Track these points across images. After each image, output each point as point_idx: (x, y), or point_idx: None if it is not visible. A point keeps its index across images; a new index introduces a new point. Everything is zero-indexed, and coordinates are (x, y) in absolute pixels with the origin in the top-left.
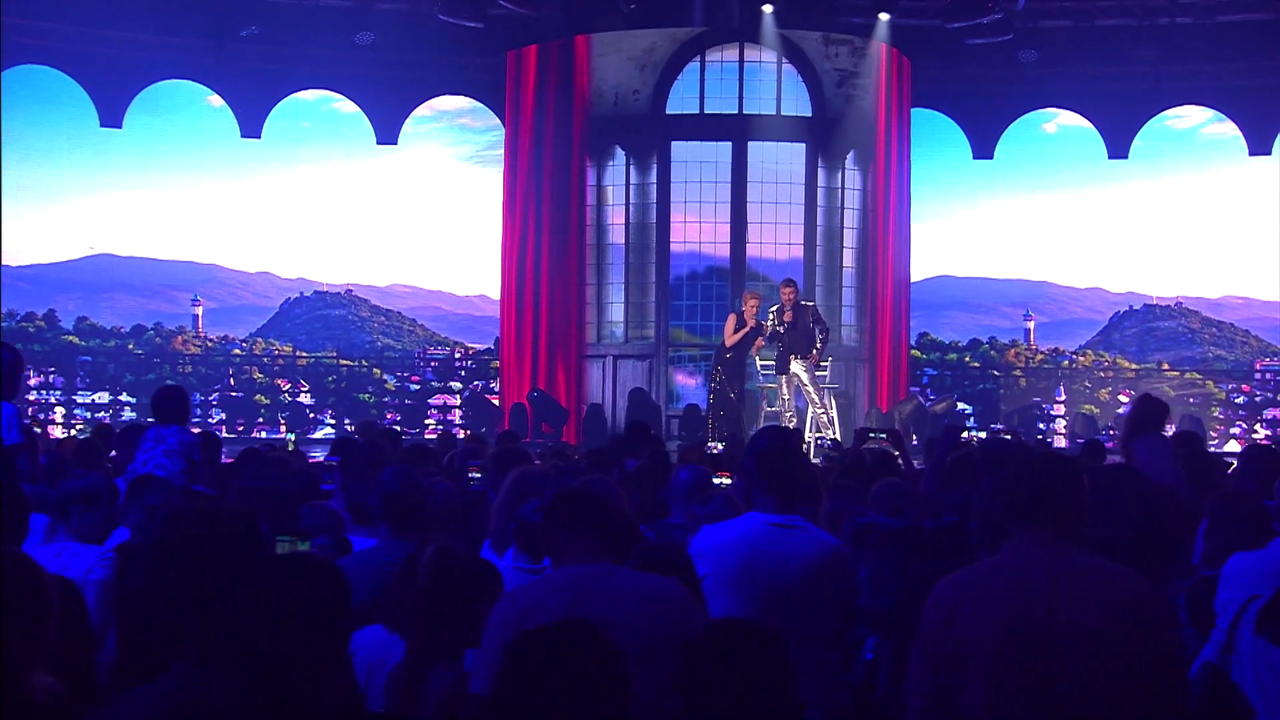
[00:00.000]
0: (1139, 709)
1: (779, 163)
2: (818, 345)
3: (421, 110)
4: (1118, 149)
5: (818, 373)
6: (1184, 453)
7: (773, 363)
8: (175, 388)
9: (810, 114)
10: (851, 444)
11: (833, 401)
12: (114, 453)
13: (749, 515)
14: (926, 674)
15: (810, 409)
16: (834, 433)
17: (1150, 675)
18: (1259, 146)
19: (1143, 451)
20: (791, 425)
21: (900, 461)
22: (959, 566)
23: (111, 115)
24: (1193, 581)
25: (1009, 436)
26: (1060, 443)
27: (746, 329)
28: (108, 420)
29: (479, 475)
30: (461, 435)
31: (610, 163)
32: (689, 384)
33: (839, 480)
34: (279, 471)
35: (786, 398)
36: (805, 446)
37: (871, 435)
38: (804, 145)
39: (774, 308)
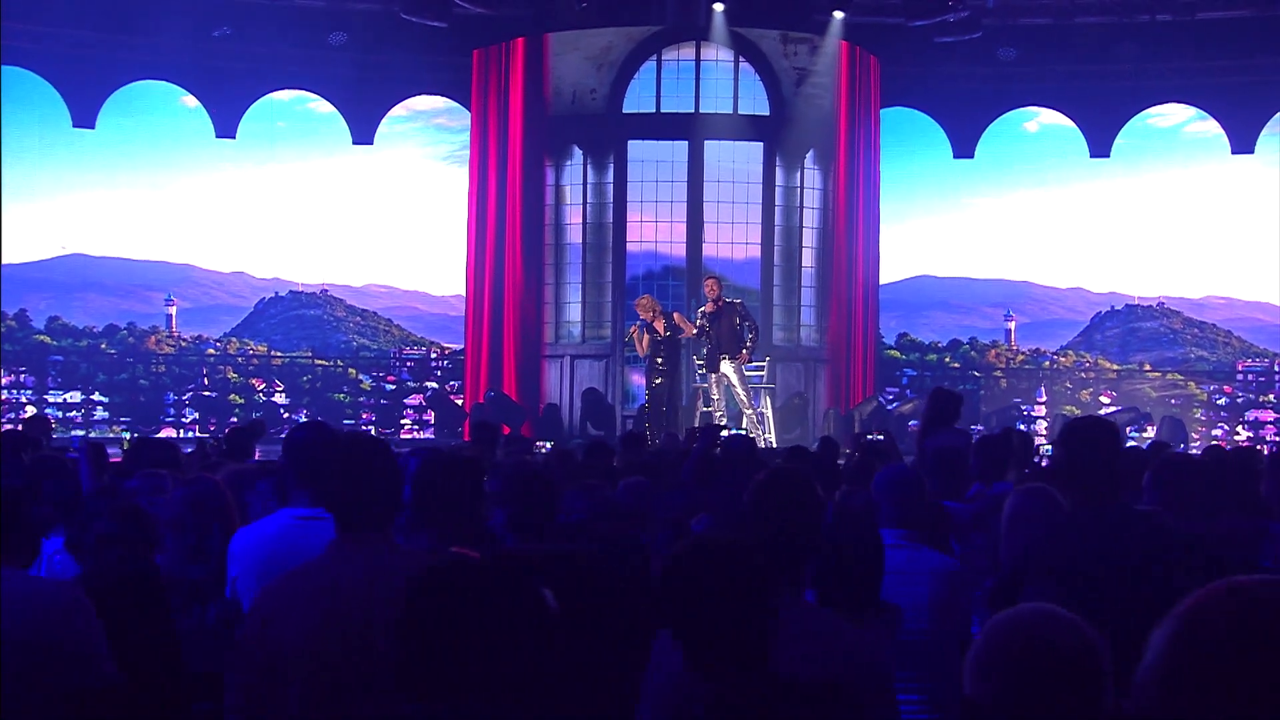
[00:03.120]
0: None
1: (736, 162)
2: (747, 345)
3: (398, 110)
4: (1100, 148)
5: (752, 373)
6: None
7: (703, 362)
8: None
9: (768, 113)
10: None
11: (768, 401)
12: None
13: (280, 512)
14: (240, 683)
15: (741, 410)
16: (768, 433)
17: None
18: (1241, 145)
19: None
20: (722, 424)
21: None
22: None
23: (84, 116)
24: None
25: (881, 437)
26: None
27: (633, 334)
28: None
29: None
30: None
31: (568, 162)
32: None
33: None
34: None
35: (716, 398)
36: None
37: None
38: (761, 144)
39: (700, 308)
